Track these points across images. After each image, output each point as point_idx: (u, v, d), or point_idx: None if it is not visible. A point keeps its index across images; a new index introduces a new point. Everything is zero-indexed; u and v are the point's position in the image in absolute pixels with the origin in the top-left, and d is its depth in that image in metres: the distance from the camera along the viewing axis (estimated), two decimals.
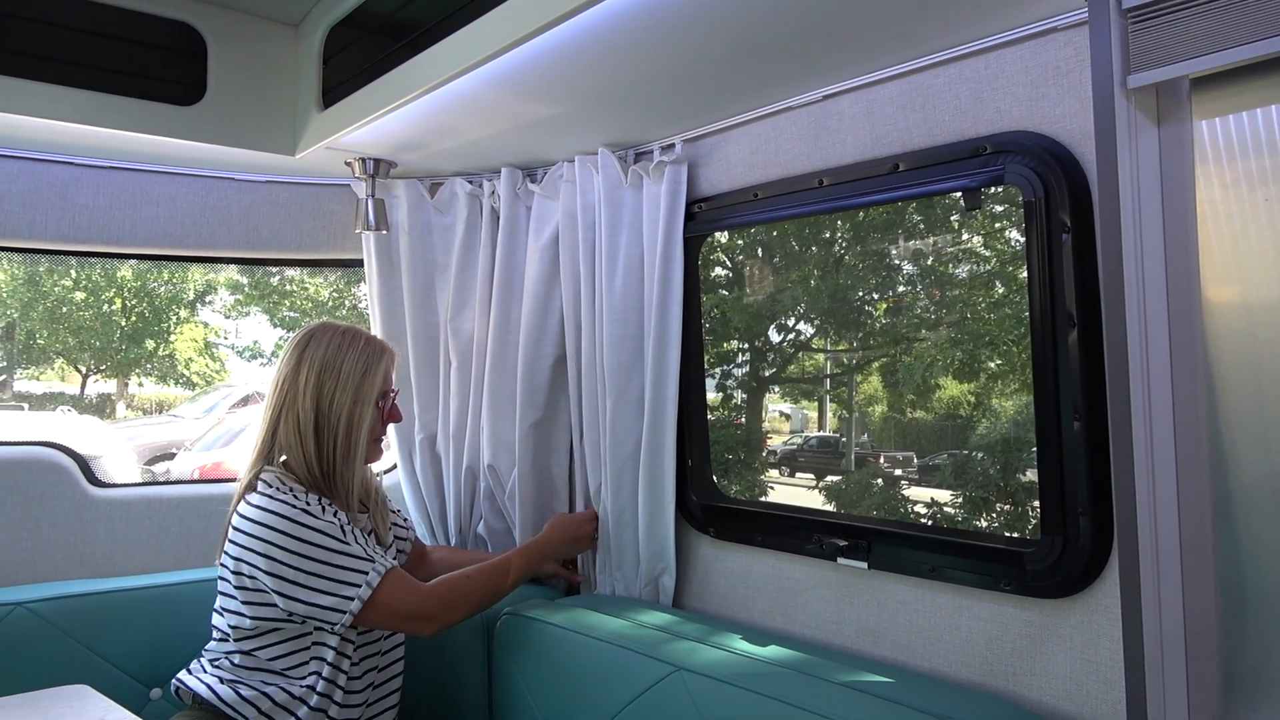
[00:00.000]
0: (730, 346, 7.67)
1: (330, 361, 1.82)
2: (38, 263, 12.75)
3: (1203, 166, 1.34)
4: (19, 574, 2.18)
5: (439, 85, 1.71)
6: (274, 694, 1.75)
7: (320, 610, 1.70)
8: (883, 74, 1.65)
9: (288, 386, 1.82)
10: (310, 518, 1.72)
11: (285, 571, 1.69)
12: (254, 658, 1.77)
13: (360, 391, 1.83)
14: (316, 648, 1.78)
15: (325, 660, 1.78)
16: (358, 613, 1.71)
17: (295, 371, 1.82)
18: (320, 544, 1.71)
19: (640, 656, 1.71)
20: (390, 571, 1.76)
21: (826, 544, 1.78)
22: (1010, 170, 1.48)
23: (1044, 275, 1.46)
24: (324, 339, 1.84)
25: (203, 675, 1.79)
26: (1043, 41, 1.46)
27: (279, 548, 1.69)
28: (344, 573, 1.71)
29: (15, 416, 10.72)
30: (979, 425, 6.56)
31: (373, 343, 1.89)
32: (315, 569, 1.70)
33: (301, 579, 1.69)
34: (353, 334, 1.87)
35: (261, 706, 1.74)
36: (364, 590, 1.71)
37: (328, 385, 1.81)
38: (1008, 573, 1.53)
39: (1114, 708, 1.41)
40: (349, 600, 1.70)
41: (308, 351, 1.83)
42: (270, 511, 1.71)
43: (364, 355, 1.85)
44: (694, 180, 2.01)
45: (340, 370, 1.82)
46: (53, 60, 1.91)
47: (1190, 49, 1.25)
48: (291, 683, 1.76)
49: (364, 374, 1.84)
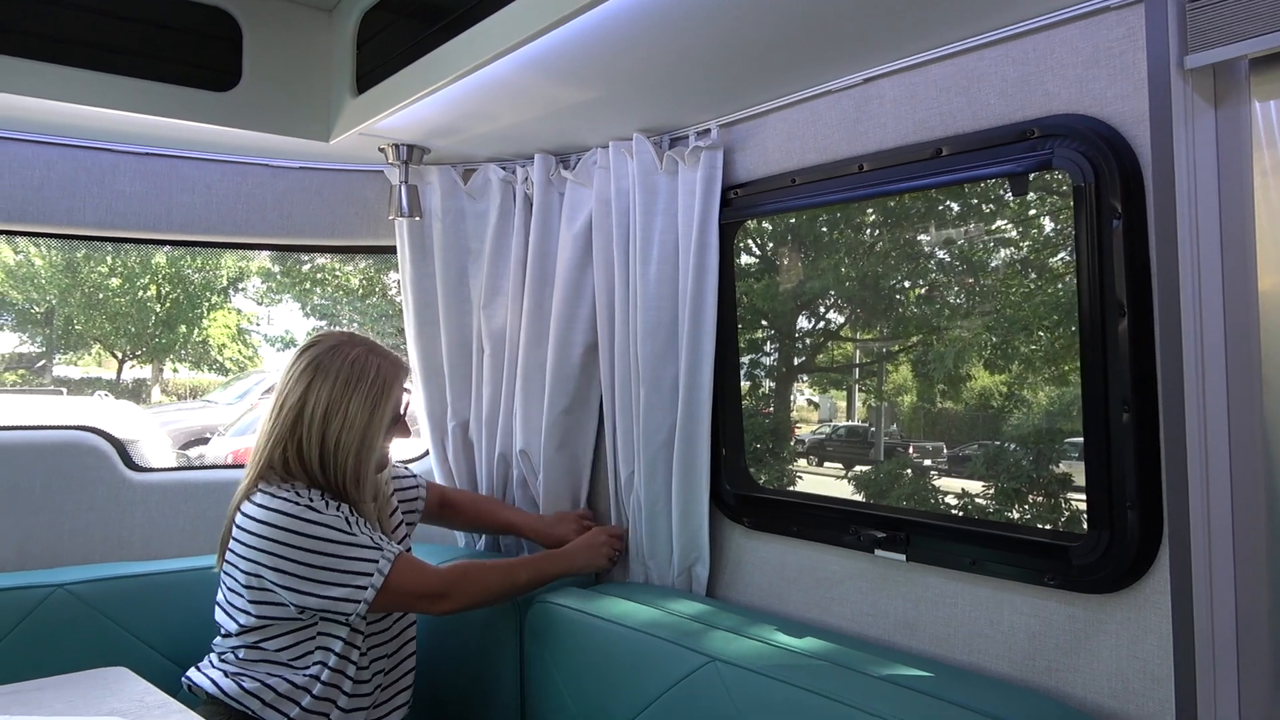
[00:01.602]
0: (758, 335, 7.63)
1: (336, 402, 1.77)
2: (76, 249, 12.97)
3: (1260, 151, 1.30)
4: (59, 556, 2.21)
5: (473, 70, 1.70)
6: (276, 685, 1.75)
7: (334, 603, 1.71)
8: (926, 56, 1.61)
9: (293, 417, 1.78)
10: (314, 513, 1.72)
11: (294, 569, 1.69)
12: (260, 650, 1.77)
13: (367, 432, 1.80)
14: (322, 638, 1.78)
15: (333, 651, 1.78)
16: (372, 600, 1.72)
17: (301, 404, 1.78)
18: (327, 538, 1.71)
19: (674, 646, 1.69)
20: (400, 557, 1.77)
21: (864, 535, 1.75)
22: (1059, 155, 1.44)
23: (1093, 263, 1.42)
24: (330, 370, 1.78)
25: (209, 670, 1.80)
26: (1094, 21, 1.42)
27: (286, 547, 1.69)
28: (354, 563, 1.72)
29: (55, 401, 10.92)
30: (1011, 415, 6.49)
31: (381, 372, 1.82)
32: (325, 563, 1.70)
33: (312, 574, 1.69)
34: (360, 366, 1.80)
35: (265, 698, 1.74)
36: (376, 579, 1.72)
37: (333, 426, 1.77)
38: (1052, 566, 1.50)
39: (1161, 706, 1.37)
40: (362, 590, 1.71)
41: (313, 386, 1.78)
42: (274, 511, 1.71)
43: (370, 394, 1.79)
44: (730, 166, 1.99)
45: (346, 413, 1.77)
46: (90, 46, 1.92)
47: (1250, 28, 1.21)
48: (295, 673, 1.77)
49: (371, 413, 1.80)
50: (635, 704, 1.71)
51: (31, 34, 1.87)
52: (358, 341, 1.85)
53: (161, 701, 1.55)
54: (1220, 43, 1.24)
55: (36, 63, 1.87)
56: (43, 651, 1.96)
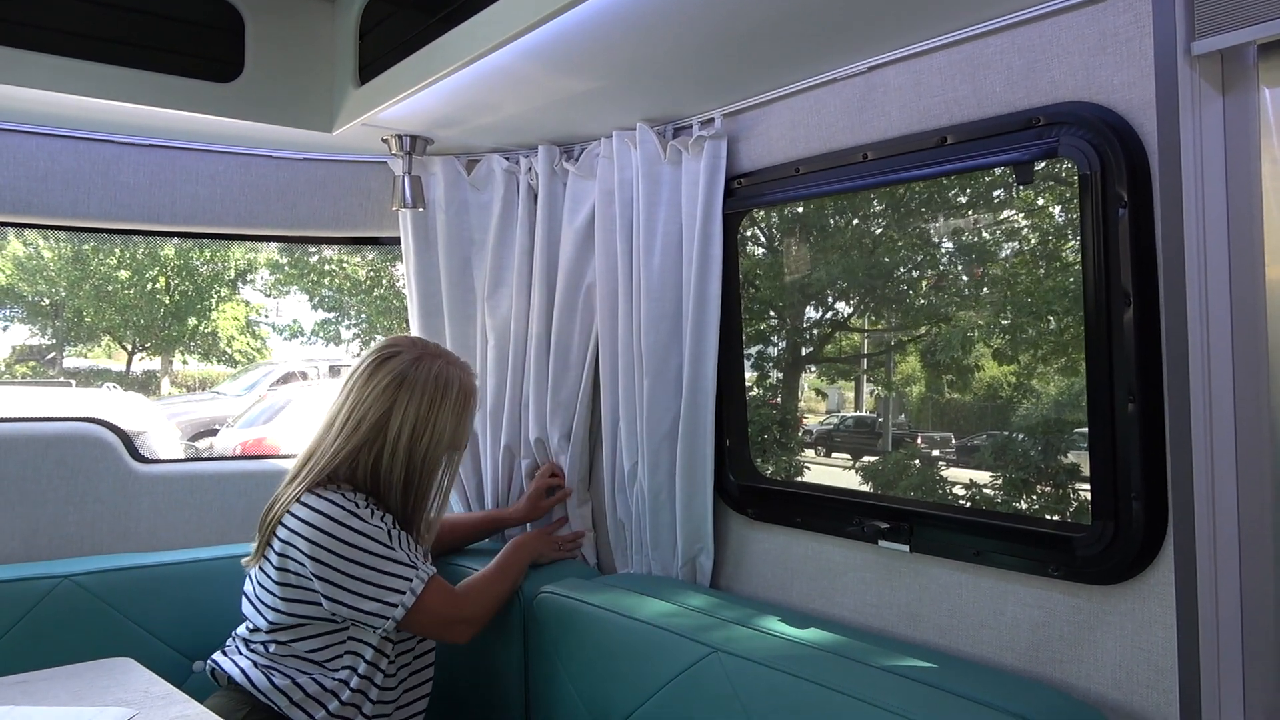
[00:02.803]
0: (765, 326, 7.61)
1: (425, 417, 1.79)
2: (84, 241, 13.01)
3: (1269, 138, 1.28)
4: (65, 547, 2.23)
5: (475, 60, 1.69)
6: (305, 684, 1.75)
7: (363, 615, 1.72)
8: (931, 43, 1.60)
9: (379, 427, 1.78)
10: (358, 520, 1.72)
11: (331, 574, 1.70)
12: (290, 648, 1.78)
13: (454, 442, 1.85)
14: (352, 643, 1.78)
15: (363, 658, 1.78)
16: (401, 620, 1.73)
17: (387, 415, 1.78)
18: (366, 548, 1.72)
19: (677, 637, 1.69)
20: (432, 579, 1.77)
21: (868, 526, 1.75)
22: (1064, 142, 1.43)
23: (1099, 252, 1.41)
24: (419, 382, 1.79)
25: (237, 658, 1.81)
26: (1100, 7, 1.40)
27: (326, 549, 1.70)
28: (388, 578, 1.72)
29: (62, 393, 10.97)
30: (1020, 405, 6.46)
31: (465, 386, 1.85)
32: (360, 573, 1.71)
33: (347, 582, 1.70)
34: (445, 379, 1.82)
35: (293, 696, 1.74)
36: (408, 598, 1.73)
37: (423, 440, 1.80)
38: (1056, 557, 1.49)
39: (1165, 697, 1.37)
40: (393, 607, 1.72)
41: (401, 396, 1.78)
42: (319, 512, 1.72)
43: (457, 406, 1.83)
44: (734, 155, 1.97)
45: (435, 426, 1.80)
46: (93, 38, 1.92)
47: (1258, 13, 1.19)
48: (325, 674, 1.77)
49: (457, 425, 1.85)
50: (639, 694, 1.71)
51: (34, 26, 1.87)
52: (434, 351, 1.87)
53: (166, 692, 1.56)
54: (1228, 28, 1.22)
55: (40, 54, 1.87)
56: (49, 642, 1.97)
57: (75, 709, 1.48)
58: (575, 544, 2.28)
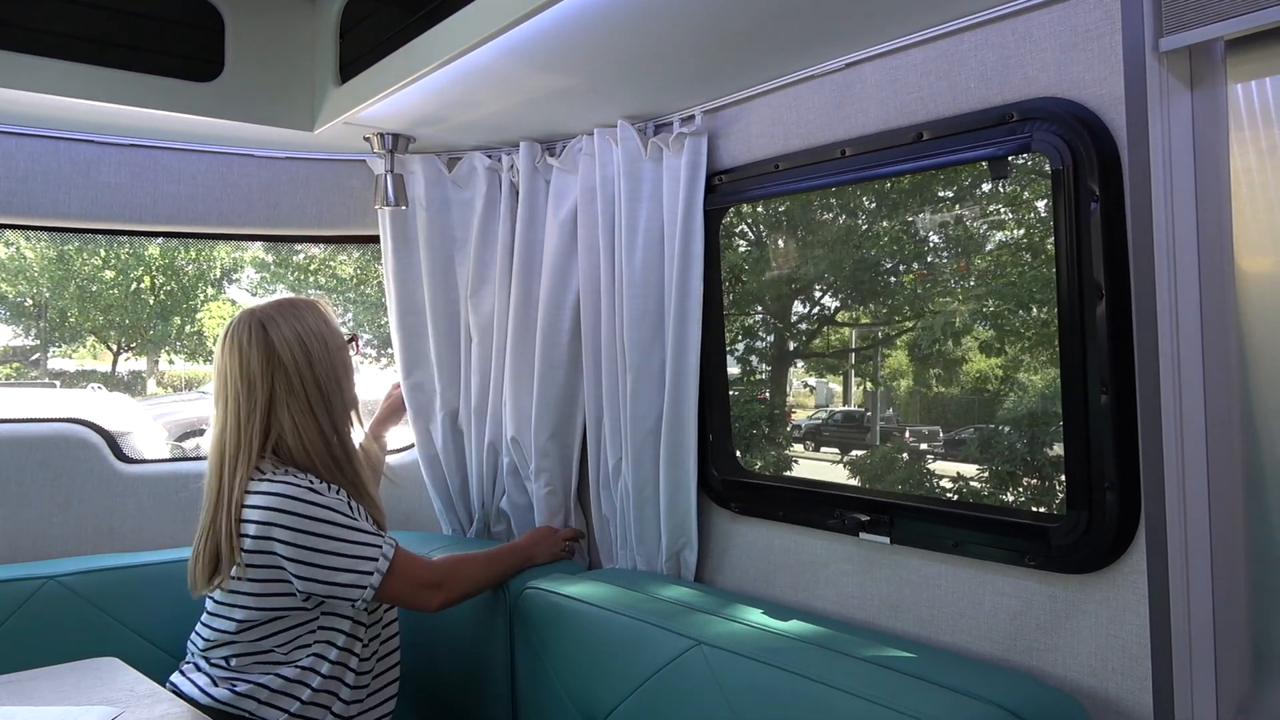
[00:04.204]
0: (752, 321, 7.62)
1: (300, 328, 1.78)
2: (68, 241, 12.90)
3: (1237, 133, 1.30)
4: (50, 548, 2.22)
5: (456, 57, 1.69)
6: (271, 682, 1.73)
7: (340, 589, 1.71)
8: (907, 40, 1.62)
9: (272, 370, 1.75)
10: (318, 495, 1.73)
11: (303, 553, 1.69)
12: (258, 645, 1.75)
13: (337, 337, 1.85)
14: (323, 632, 1.77)
15: (335, 645, 1.78)
16: (378, 587, 1.73)
17: (271, 354, 1.75)
18: (333, 520, 1.72)
19: (661, 631, 1.71)
20: (398, 546, 1.79)
21: (848, 519, 1.76)
22: (1038, 138, 1.45)
23: (1071, 246, 1.43)
24: (274, 317, 1.79)
25: (195, 675, 1.77)
26: (1072, 4, 1.42)
27: (295, 529, 1.69)
28: (359, 548, 1.73)
29: (46, 394, 10.89)
30: (1006, 399, 6.49)
31: (305, 300, 1.87)
32: (331, 546, 1.70)
33: (319, 559, 1.70)
34: (286, 301, 1.84)
35: (260, 697, 1.73)
36: (382, 563, 1.73)
37: (313, 347, 1.78)
38: (1032, 548, 1.51)
39: (1140, 684, 1.39)
40: (368, 575, 1.72)
41: (270, 333, 1.77)
42: (281, 495, 1.71)
43: (311, 311, 1.83)
44: (714, 152, 1.99)
45: (310, 329, 1.80)
46: (71, 37, 1.91)
47: (1225, 9, 1.21)
48: (289, 667, 1.75)
49: (326, 322, 1.85)
50: (623, 687, 1.72)
51: (12, 26, 1.86)
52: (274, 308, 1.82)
53: (151, 691, 1.57)
54: (1195, 24, 1.24)
55: (17, 55, 1.86)
56: (34, 643, 1.97)
57: (61, 708, 1.48)
58: (574, 543, 2.30)
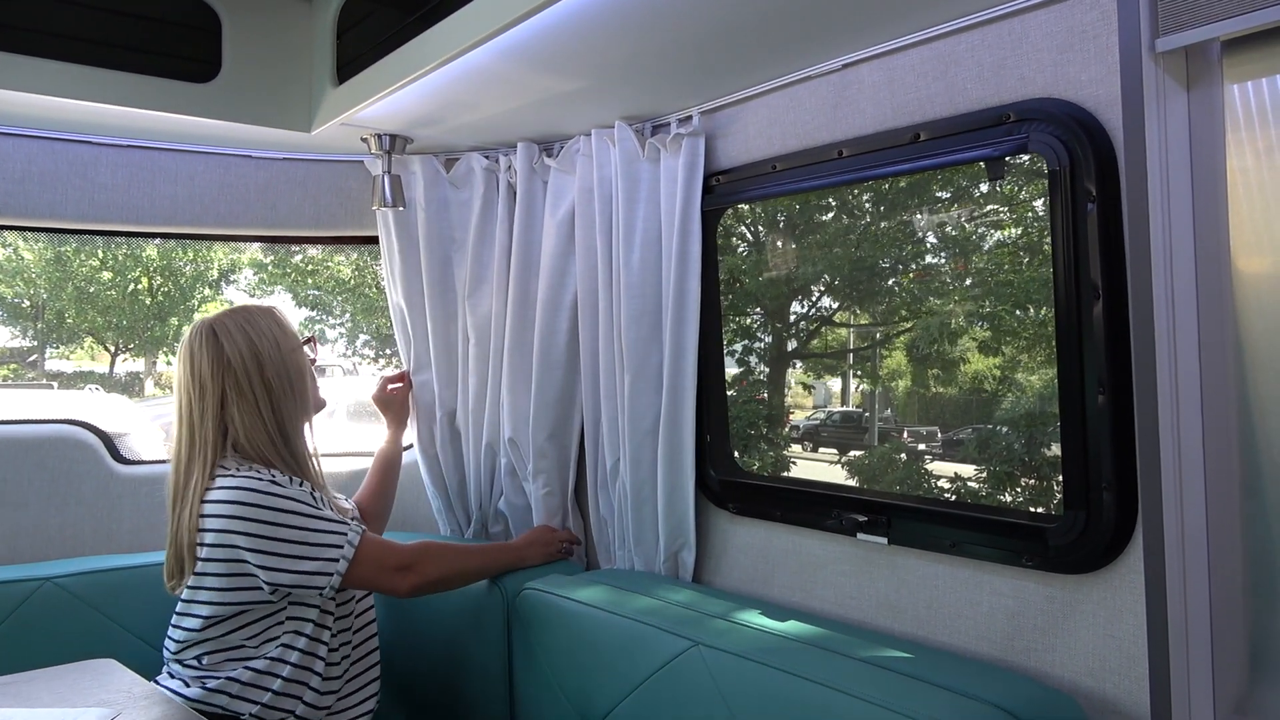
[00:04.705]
0: (751, 321, 7.62)
1: (250, 332, 1.83)
2: (65, 242, 12.89)
3: (1234, 133, 1.30)
4: (47, 550, 2.22)
5: (453, 58, 1.69)
6: (240, 675, 1.74)
7: (306, 577, 1.71)
8: (903, 41, 1.62)
9: (221, 373, 1.81)
10: (278, 487, 1.73)
11: (266, 544, 1.69)
12: (225, 641, 1.75)
13: (289, 339, 1.88)
14: (291, 622, 1.77)
15: (303, 634, 1.77)
16: (345, 573, 1.73)
17: (219, 357, 1.81)
18: (295, 510, 1.72)
19: (659, 632, 1.71)
20: (364, 531, 1.80)
21: (846, 519, 1.77)
22: (1034, 139, 1.45)
23: (1068, 246, 1.43)
24: (226, 323, 1.84)
25: (169, 681, 1.77)
26: (1068, 5, 1.42)
27: (257, 521, 1.69)
28: (323, 535, 1.73)
29: (44, 395, 10.89)
30: (1004, 399, 6.50)
31: (265, 307, 1.91)
32: (295, 536, 1.71)
33: (283, 549, 1.70)
34: (241, 309, 1.89)
35: (231, 690, 1.73)
36: (347, 550, 1.74)
37: (262, 348, 1.83)
38: (1030, 548, 1.51)
39: (1137, 684, 1.39)
40: (334, 562, 1.72)
41: (221, 337, 1.82)
42: (241, 488, 1.71)
43: (265, 316, 1.88)
44: (711, 153, 1.99)
45: (262, 331, 1.84)
46: (68, 38, 1.91)
47: (1221, 9, 1.21)
48: (258, 659, 1.75)
49: (279, 325, 1.88)
50: (621, 688, 1.72)
51: (9, 26, 1.86)
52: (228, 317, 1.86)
53: (148, 692, 1.56)
54: (1191, 25, 1.24)
55: (14, 56, 1.86)
56: (31, 644, 1.97)
57: (58, 710, 1.48)
58: (571, 545, 2.30)
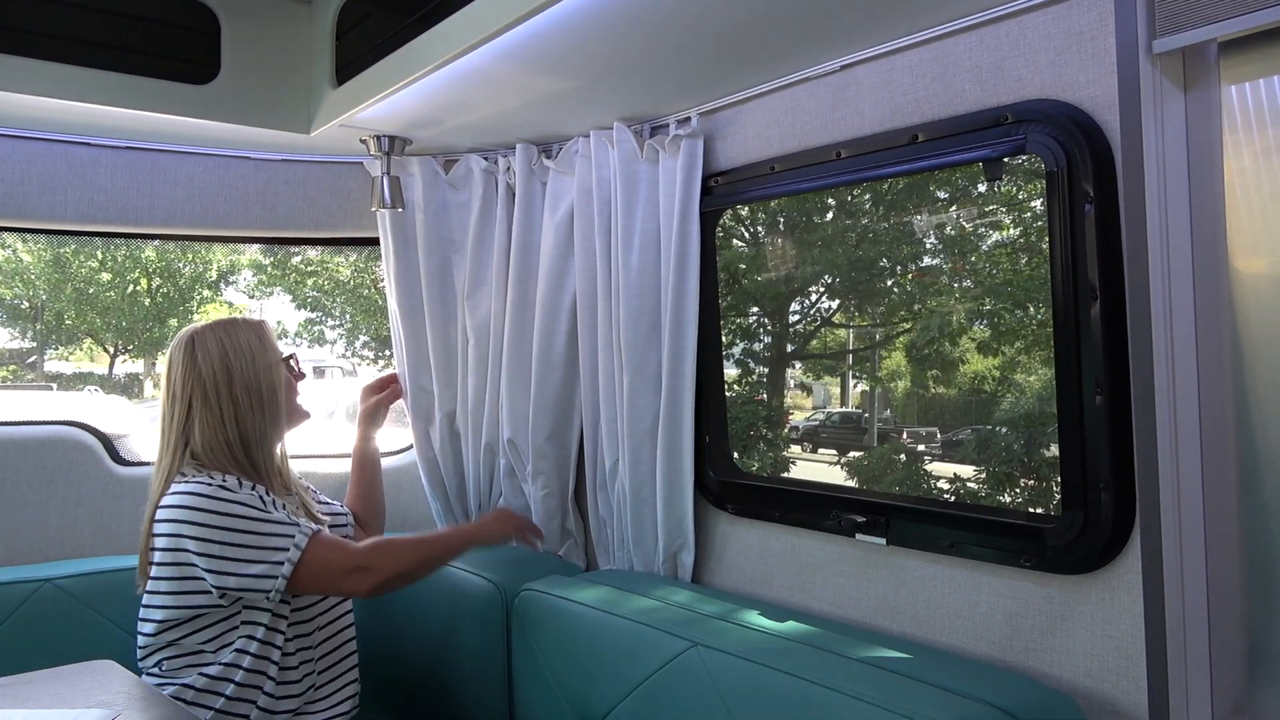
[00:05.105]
0: (750, 321, 7.63)
1: (226, 344, 1.84)
2: (65, 244, 12.89)
3: (1231, 134, 1.30)
4: (47, 551, 2.22)
5: (451, 60, 1.70)
6: (195, 681, 1.74)
7: (252, 580, 1.70)
8: (901, 42, 1.62)
9: (191, 383, 1.83)
10: (228, 493, 1.74)
11: (213, 548, 1.69)
12: (181, 646, 1.75)
13: (267, 354, 1.88)
14: (245, 627, 1.76)
15: (255, 638, 1.76)
16: (290, 576, 1.71)
17: (192, 368, 1.83)
18: (243, 515, 1.72)
19: (658, 632, 1.71)
20: (316, 533, 1.77)
21: (845, 520, 1.77)
22: (1032, 140, 1.45)
23: (1066, 247, 1.43)
24: (205, 336, 1.86)
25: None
26: (1066, 6, 1.42)
27: (204, 525, 1.70)
28: (270, 539, 1.72)
29: (43, 396, 10.89)
30: (1003, 400, 6.50)
31: (249, 319, 1.92)
32: (241, 540, 1.71)
33: (229, 552, 1.70)
34: (226, 320, 1.90)
35: (186, 697, 1.73)
36: (293, 553, 1.72)
37: (235, 362, 1.83)
38: (1028, 548, 1.51)
39: (1135, 684, 1.39)
40: (279, 565, 1.71)
41: (197, 348, 1.84)
42: (190, 494, 1.73)
43: (249, 329, 1.88)
44: (710, 154, 1.99)
45: (239, 345, 1.85)
46: (67, 40, 1.91)
47: (1218, 11, 1.21)
48: (212, 665, 1.75)
49: (260, 339, 1.88)
50: (620, 689, 1.72)
51: (8, 29, 1.86)
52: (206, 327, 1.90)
53: (147, 693, 1.56)
54: (1189, 26, 1.24)
55: (13, 58, 1.86)
56: (30, 645, 1.97)
57: (57, 711, 1.48)
58: (534, 534, 2.25)
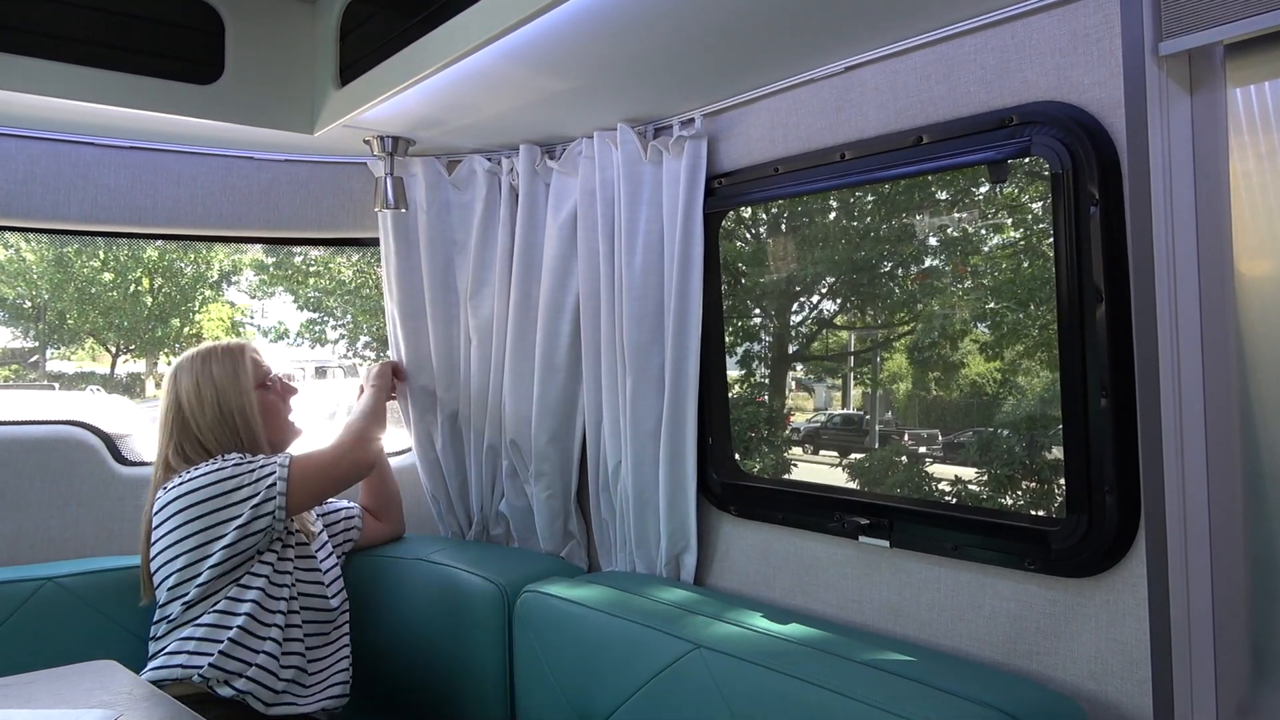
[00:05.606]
0: (752, 323, 7.62)
1: (199, 377, 2.01)
2: (67, 244, 12.90)
3: (1237, 137, 1.30)
4: (48, 550, 2.22)
5: (455, 60, 1.70)
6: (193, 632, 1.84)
7: (253, 509, 1.84)
8: (906, 44, 1.62)
9: (173, 415, 2.00)
10: (204, 465, 1.90)
11: (213, 503, 1.84)
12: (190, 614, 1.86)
13: (238, 384, 2.02)
14: (247, 575, 1.89)
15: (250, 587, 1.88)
16: (286, 492, 1.89)
17: (175, 401, 2.00)
18: (224, 470, 1.88)
19: (660, 634, 1.71)
20: (292, 457, 1.96)
21: (848, 522, 1.76)
22: (1037, 142, 1.45)
23: (1071, 249, 1.43)
24: (186, 367, 2.03)
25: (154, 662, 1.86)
26: (1071, 8, 1.42)
27: (197, 499, 1.85)
28: (255, 473, 1.89)
29: (45, 396, 10.90)
30: (1005, 402, 6.49)
31: (228, 348, 2.07)
32: (230, 486, 1.86)
33: (227, 499, 1.85)
34: (207, 349, 2.06)
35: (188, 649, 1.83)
36: (281, 471, 1.90)
37: (206, 394, 2.00)
38: (1032, 551, 1.51)
39: (1139, 688, 1.39)
40: (272, 486, 1.88)
41: (177, 381, 2.01)
42: (178, 484, 1.88)
43: (224, 360, 2.04)
44: (714, 155, 1.99)
45: (211, 378, 2.01)
46: (72, 40, 1.91)
47: (1225, 13, 1.21)
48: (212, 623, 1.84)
49: (233, 370, 2.02)
50: (622, 691, 1.72)
51: (13, 29, 1.86)
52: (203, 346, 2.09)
53: (149, 694, 1.56)
54: (1195, 28, 1.24)
55: (17, 57, 1.86)
56: (33, 645, 1.97)
57: (59, 711, 1.48)
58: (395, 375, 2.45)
